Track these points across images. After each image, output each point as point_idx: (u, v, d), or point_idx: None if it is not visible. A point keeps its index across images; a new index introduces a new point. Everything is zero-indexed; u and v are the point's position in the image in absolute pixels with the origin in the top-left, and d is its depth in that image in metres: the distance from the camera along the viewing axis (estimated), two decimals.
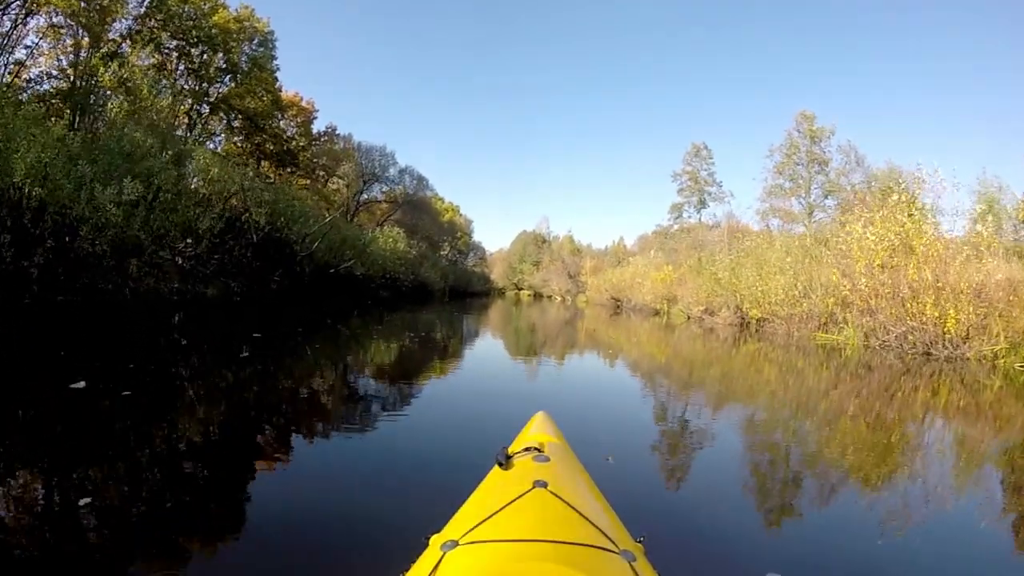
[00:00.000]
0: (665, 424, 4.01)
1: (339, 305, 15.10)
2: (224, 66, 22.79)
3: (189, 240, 13.34)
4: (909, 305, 10.14)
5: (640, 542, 1.16)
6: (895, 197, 11.45)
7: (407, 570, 1.05)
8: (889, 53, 69.40)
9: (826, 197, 29.09)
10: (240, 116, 24.06)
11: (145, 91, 16.55)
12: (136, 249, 11.57)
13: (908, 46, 68.05)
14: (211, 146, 23.94)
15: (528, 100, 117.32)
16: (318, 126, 30.06)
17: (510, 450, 1.56)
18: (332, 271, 16.65)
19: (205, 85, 22.86)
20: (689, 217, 40.87)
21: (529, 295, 69.26)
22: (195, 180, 14.10)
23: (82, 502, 2.07)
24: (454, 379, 5.65)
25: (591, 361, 8.24)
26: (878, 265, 11.08)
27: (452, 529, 1.15)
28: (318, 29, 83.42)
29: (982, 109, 54.88)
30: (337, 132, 31.20)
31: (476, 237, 69.11)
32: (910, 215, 11.24)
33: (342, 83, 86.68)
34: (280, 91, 25.73)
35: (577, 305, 42.39)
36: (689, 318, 21.06)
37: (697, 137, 42.79)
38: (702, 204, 39.91)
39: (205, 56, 21.99)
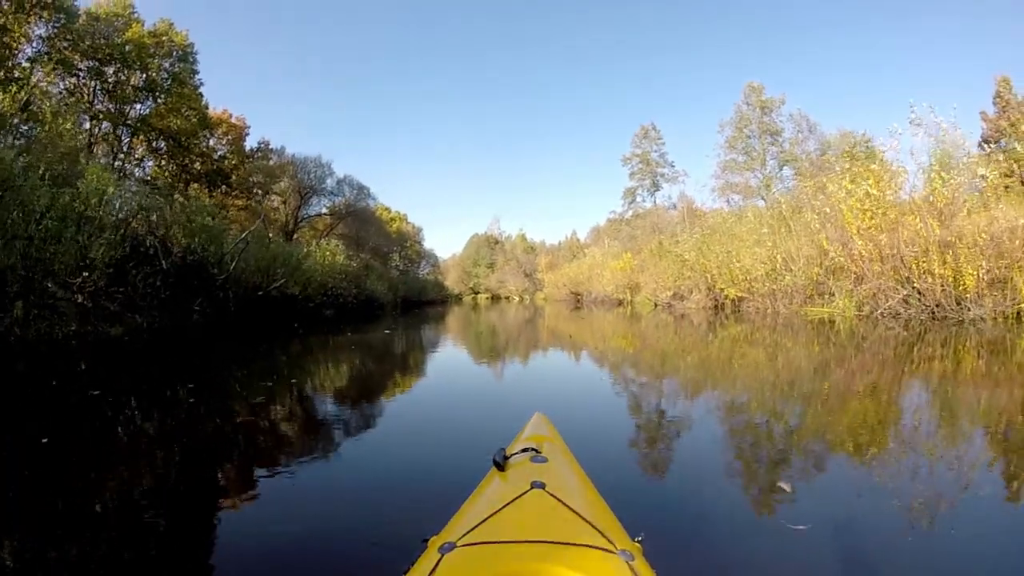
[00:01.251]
0: (663, 423, 3.88)
1: (272, 332, 13.02)
2: (142, 85, 21.28)
3: (86, 273, 11.04)
4: (913, 265, 9.09)
5: (638, 542, 1.14)
6: (883, 147, 10.44)
7: (405, 572, 1.04)
8: (832, 18, 70.21)
9: (782, 168, 28.78)
10: (162, 137, 22.54)
11: (49, 115, 14.33)
12: (23, 287, 9.34)
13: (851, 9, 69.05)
14: (138, 172, 22.56)
15: (466, 101, 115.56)
16: (251, 143, 28.74)
17: (507, 451, 1.55)
18: (261, 293, 14.53)
19: (123, 106, 21.24)
20: (643, 201, 40.12)
21: (486, 298, 68.74)
22: (91, 202, 11.80)
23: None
24: (442, 387, 5.60)
25: (574, 365, 7.79)
26: (872, 225, 10.02)
27: (450, 531, 1.15)
28: (243, 47, 79.49)
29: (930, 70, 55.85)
30: (271, 147, 29.77)
31: (427, 244, 67.49)
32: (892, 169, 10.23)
33: (273, 100, 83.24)
34: (207, 108, 24.23)
35: (536, 303, 41.45)
36: (657, 305, 19.97)
37: (645, 121, 41.62)
38: (655, 187, 39.28)
39: (121, 75, 20.54)
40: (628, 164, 39.92)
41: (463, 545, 1.04)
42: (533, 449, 1.56)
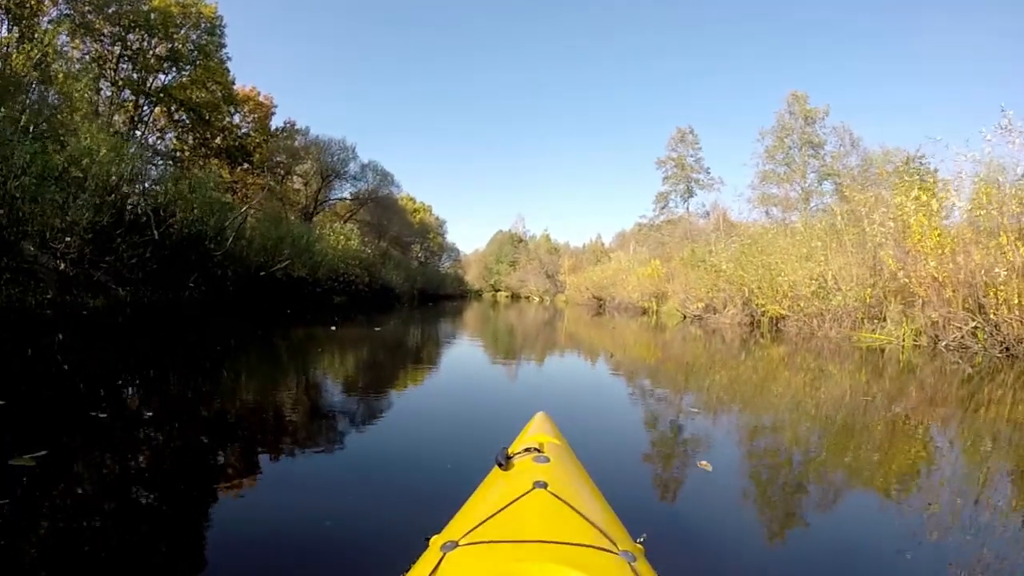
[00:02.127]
0: (666, 426, 3.86)
1: (273, 315, 12.16)
2: (166, 55, 20.69)
3: (68, 238, 10.24)
4: (991, 293, 7.76)
5: (640, 543, 1.15)
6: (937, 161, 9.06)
7: (407, 571, 1.04)
8: (880, 34, 67.35)
9: (822, 182, 27.01)
10: (183, 108, 21.93)
11: (61, 76, 14.05)
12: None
13: (899, 28, 66.07)
14: (159, 144, 22.26)
15: (501, 98, 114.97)
16: (277, 122, 28.15)
17: (510, 451, 1.56)
18: (263, 274, 13.70)
19: (145, 75, 20.72)
20: (676, 207, 38.25)
21: (506, 296, 68.01)
22: (83, 163, 11.05)
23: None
24: (447, 385, 5.48)
25: (583, 367, 7.61)
26: (941, 244, 8.66)
27: (452, 530, 1.16)
28: (282, 28, 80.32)
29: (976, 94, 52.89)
30: (296, 127, 29.09)
31: (451, 238, 66.88)
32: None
33: (306, 86, 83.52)
34: (233, 84, 23.70)
35: (556, 305, 40.48)
36: (686, 317, 18.67)
37: (679, 125, 39.75)
38: (689, 193, 37.40)
39: (144, 43, 19.94)
40: (662, 168, 38.11)
41: (465, 544, 1.05)
42: (536, 449, 1.56)
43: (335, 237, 19.61)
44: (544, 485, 1.25)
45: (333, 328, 10.43)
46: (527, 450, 1.54)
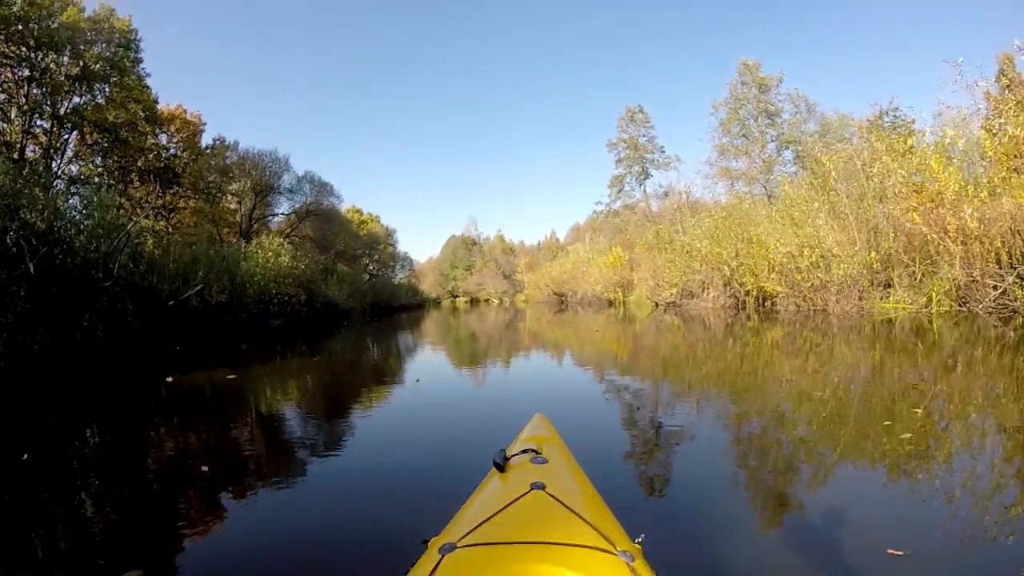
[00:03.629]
0: (664, 425, 3.77)
1: (184, 350, 10.11)
2: (78, 74, 18.87)
3: None
4: None
5: (638, 543, 1.13)
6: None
7: (406, 573, 1.03)
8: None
9: (782, 150, 26.38)
10: (97, 130, 20.03)
11: None
12: None
13: None
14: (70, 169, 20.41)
15: (440, 98, 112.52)
16: (207, 141, 26.69)
17: (507, 452, 1.54)
18: (172, 303, 11.44)
19: (55, 97, 18.93)
20: (632, 190, 37.02)
21: (465, 301, 66.57)
22: None
23: None
24: (429, 392, 5.33)
25: (572, 369, 7.29)
26: (982, 191, 7.44)
27: (450, 532, 1.14)
28: (206, 44, 76.41)
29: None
30: (226, 143, 27.58)
31: (403, 248, 64.72)
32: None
33: (238, 101, 79.65)
34: (156, 103, 22.23)
35: (516, 306, 39.39)
36: (658, 305, 17.32)
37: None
38: (645, 174, 36.29)
39: (50, 61, 18.18)
40: (614, 150, 36.87)
41: (463, 546, 1.04)
42: (533, 450, 1.54)
43: (263, 254, 17.29)
44: (542, 486, 1.25)
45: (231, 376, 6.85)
46: (524, 451, 1.52)
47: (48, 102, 18.74)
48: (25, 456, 3.10)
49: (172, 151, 24.35)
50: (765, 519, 2.12)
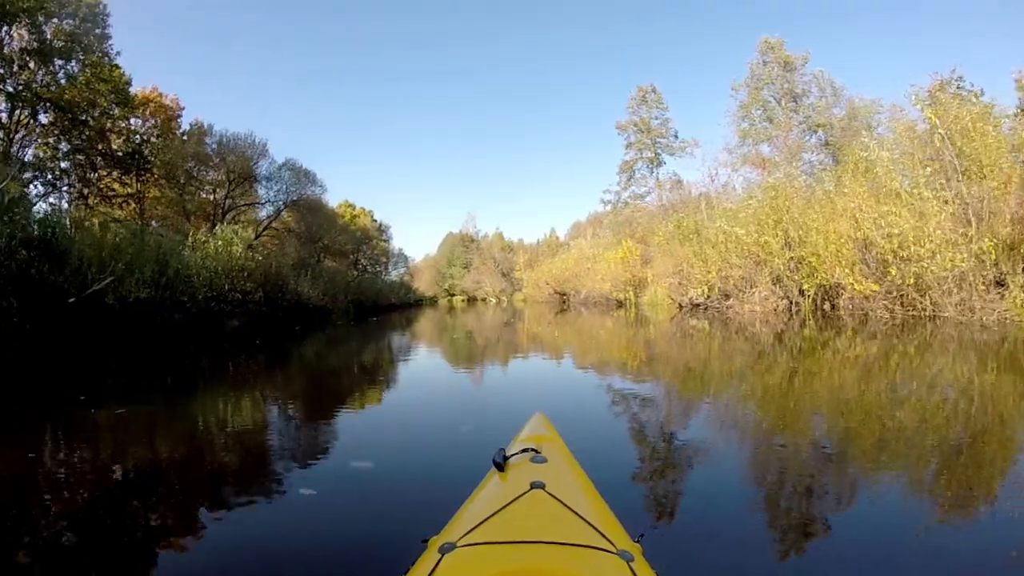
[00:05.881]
0: (664, 425, 3.75)
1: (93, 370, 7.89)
2: (34, 48, 17.38)
3: None
4: None
5: (638, 542, 1.12)
6: None
7: (405, 573, 1.02)
8: None
9: (811, 134, 23.75)
10: (52, 108, 18.31)
11: None
12: None
13: None
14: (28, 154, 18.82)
15: (440, 95, 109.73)
16: (186, 126, 25.39)
17: (507, 452, 1.52)
18: (73, 300, 8.82)
19: (9, 73, 17.43)
20: (643, 178, 34.08)
21: (462, 300, 64.51)
22: None
23: None
24: (429, 392, 5.37)
25: (577, 370, 7.09)
26: None
27: (450, 531, 1.13)
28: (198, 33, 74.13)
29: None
30: (203, 127, 25.88)
31: (399, 245, 62.38)
32: None
33: (230, 93, 77.04)
34: (128, 84, 20.45)
35: (515, 305, 37.21)
36: (681, 307, 14.74)
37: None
38: (657, 160, 33.34)
39: (3, 34, 16.72)
40: (624, 133, 33.88)
41: (463, 545, 1.02)
42: (533, 449, 1.52)
43: (213, 243, 14.66)
44: (542, 485, 1.23)
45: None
46: (524, 451, 1.50)
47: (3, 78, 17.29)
48: None
49: (143, 136, 22.71)
50: (765, 519, 2.06)
